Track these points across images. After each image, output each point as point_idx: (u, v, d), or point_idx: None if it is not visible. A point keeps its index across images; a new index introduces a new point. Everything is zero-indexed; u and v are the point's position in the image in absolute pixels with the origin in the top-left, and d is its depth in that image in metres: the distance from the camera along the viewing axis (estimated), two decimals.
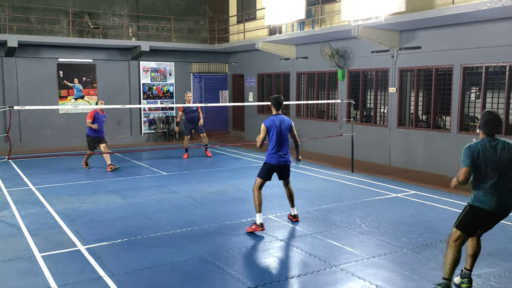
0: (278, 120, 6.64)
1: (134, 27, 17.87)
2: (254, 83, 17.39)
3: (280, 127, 6.60)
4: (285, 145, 6.67)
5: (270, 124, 6.62)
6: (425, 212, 7.64)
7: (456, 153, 10.23)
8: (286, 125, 6.68)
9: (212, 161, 12.79)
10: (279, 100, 6.73)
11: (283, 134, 6.62)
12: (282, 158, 6.63)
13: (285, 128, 6.66)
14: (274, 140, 6.59)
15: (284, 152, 6.66)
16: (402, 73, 11.63)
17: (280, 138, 6.60)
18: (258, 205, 6.54)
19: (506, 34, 9.27)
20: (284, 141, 6.64)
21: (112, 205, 8.14)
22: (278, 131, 6.59)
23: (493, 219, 4.63)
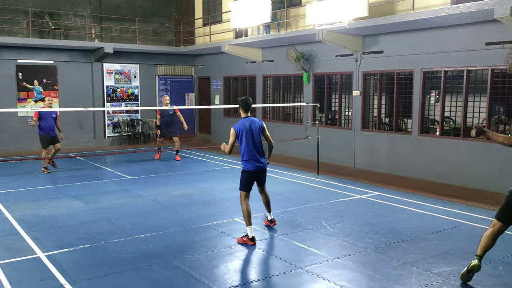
0: (248, 122, 6.28)
1: (97, 28, 17.52)
2: (220, 86, 17.35)
3: (251, 130, 6.25)
4: (260, 149, 6.32)
5: (240, 128, 6.23)
6: (388, 213, 7.80)
7: (418, 154, 10.58)
8: (258, 127, 6.33)
9: (178, 165, 12.67)
10: (247, 102, 6.35)
11: (256, 137, 6.28)
12: (259, 163, 6.29)
13: (257, 130, 6.30)
14: (247, 145, 6.22)
15: (260, 156, 6.32)
16: (365, 76, 11.87)
17: (253, 141, 6.24)
18: (246, 217, 6.19)
19: (464, 40, 9.61)
20: (257, 145, 6.29)
21: (73, 210, 7.92)
22: (250, 134, 6.23)
23: None
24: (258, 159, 6.29)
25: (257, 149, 6.28)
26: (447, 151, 10.01)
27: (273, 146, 6.70)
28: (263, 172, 6.46)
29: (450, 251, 5.95)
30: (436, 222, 7.25)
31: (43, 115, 11.13)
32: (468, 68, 9.64)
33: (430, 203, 8.37)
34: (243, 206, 6.27)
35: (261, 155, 6.36)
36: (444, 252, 5.90)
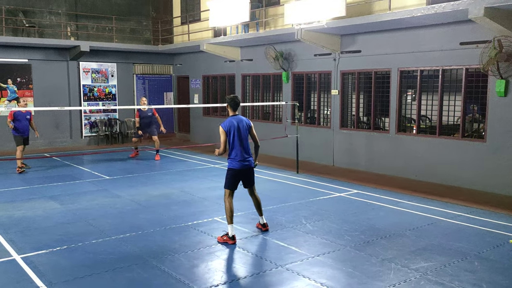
0: (236, 120, 6.24)
1: (73, 26, 17.23)
2: (199, 85, 17.27)
3: (239, 128, 6.19)
4: (246, 148, 6.27)
5: (228, 126, 6.18)
6: (367, 210, 7.89)
7: (395, 153, 10.73)
8: (245, 125, 6.28)
9: (157, 164, 12.56)
10: (235, 100, 6.31)
11: (243, 136, 6.23)
12: (245, 162, 6.22)
13: (245, 129, 6.25)
14: (234, 143, 6.18)
15: (246, 155, 6.25)
16: (343, 75, 11.97)
17: (240, 140, 6.19)
18: (229, 216, 6.13)
19: (439, 39, 9.78)
20: (244, 144, 6.24)
21: (50, 211, 7.78)
22: (238, 133, 6.17)
23: None
24: (244, 158, 6.23)
25: (244, 147, 6.23)
26: (424, 149, 10.18)
27: (259, 146, 6.63)
28: (250, 171, 6.35)
29: (427, 247, 6.05)
30: (413, 219, 7.36)
31: (17, 116, 11.06)
32: (443, 68, 9.82)
33: (407, 200, 8.49)
34: (226, 204, 6.22)
35: (248, 154, 6.29)
36: (421, 248, 6.00)
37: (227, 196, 6.25)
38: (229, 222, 6.16)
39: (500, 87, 8.76)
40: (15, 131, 11.14)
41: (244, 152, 6.23)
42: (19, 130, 11.15)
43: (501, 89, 8.76)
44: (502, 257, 5.68)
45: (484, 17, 7.91)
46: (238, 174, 6.25)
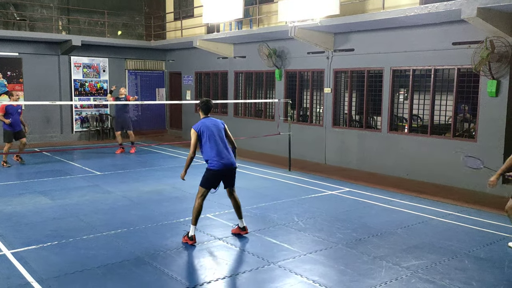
0: (209, 122, 6.05)
1: (64, 20, 17.07)
2: (191, 82, 17.20)
3: (213, 129, 6.00)
4: (225, 146, 6.03)
5: (201, 127, 5.96)
6: (358, 208, 7.93)
7: (387, 151, 10.78)
8: (220, 126, 6.10)
9: (148, 160, 12.50)
10: (208, 104, 6.12)
11: (219, 135, 6.01)
12: (227, 161, 5.94)
13: (219, 129, 6.05)
14: (211, 143, 5.94)
15: (226, 153, 6.00)
16: (336, 74, 11.99)
17: (217, 140, 5.97)
18: (194, 216, 5.91)
19: (432, 39, 9.84)
20: (222, 142, 6.01)
21: (40, 206, 7.71)
22: (212, 133, 5.97)
23: None
24: (226, 157, 5.95)
25: (222, 147, 5.98)
26: (415, 149, 10.25)
27: (236, 148, 6.27)
28: (232, 171, 6.06)
29: (418, 245, 6.10)
30: (405, 217, 7.41)
31: (9, 110, 10.98)
32: (435, 67, 9.88)
33: (399, 199, 8.54)
34: (196, 202, 5.95)
35: (229, 152, 6.03)
36: (412, 247, 6.04)
37: (200, 195, 5.97)
38: (193, 223, 5.92)
39: (492, 87, 8.84)
40: (7, 125, 11.08)
41: (224, 151, 5.97)
42: (11, 124, 11.12)
43: (492, 90, 8.84)
44: (492, 256, 5.74)
45: (477, 17, 7.97)
46: (218, 174, 5.95)
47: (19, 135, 11.32)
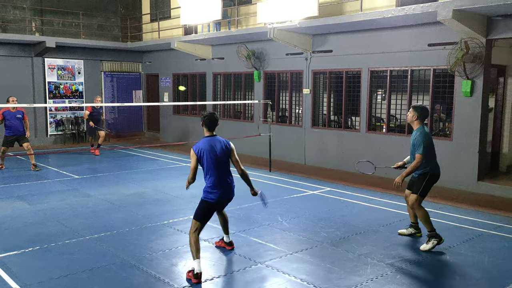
0: (211, 143, 5.19)
1: (38, 22, 16.72)
2: (169, 83, 17.08)
3: (213, 151, 5.16)
4: (226, 174, 5.26)
5: (202, 149, 5.13)
6: (340, 207, 8.03)
7: (365, 151, 10.94)
8: (223, 148, 5.25)
9: (127, 163, 12.35)
10: (212, 117, 5.26)
11: (221, 160, 5.20)
12: (225, 192, 5.24)
13: (222, 152, 5.22)
14: (209, 170, 5.14)
15: (227, 183, 5.26)
16: (315, 75, 12.12)
17: (217, 166, 5.16)
18: (194, 251, 4.99)
19: (408, 40, 10.05)
20: (223, 169, 5.23)
21: (19, 211, 7.53)
22: (213, 156, 5.14)
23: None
24: (224, 188, 5.21)
25: (223, 175, 5.21)
26: (393, 148, 10.43)
27: (245, 174, 5.43)
28: (228, 201, 5.42)
29: (400, 242, 6.22)
30: (386, 215, 7.55)
31: (6, 116, 10.77)
32: (412, 68, 10.09)
33: (379, 198, 8.69)
34: (191, 238, 5.05)
35: (230, 181, 5.30)
36: (395, 243, 6.16)
37: (194, 229, 5.08)
38: (195, 257, 4.96)
39: (466, 87, 9.08)
40: (7, 130, 10.94)
41: (223, 180, 5.20)
42: (11, 129, 10.92)
43: (467, 89, 9.09)
44: (472, 251, 5.90)
45: (452, 19, 8.19)
46: (214, 206, 5.26)
47: (19, 140, 11.05)
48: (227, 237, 5.93)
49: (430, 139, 5.90)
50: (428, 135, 5.91)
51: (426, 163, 5.90)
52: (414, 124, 6.01)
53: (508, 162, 10.42)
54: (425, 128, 5.95)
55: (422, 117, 5.96)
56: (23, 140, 11.07)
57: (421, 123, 5.97)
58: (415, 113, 5.96)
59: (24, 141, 11.07)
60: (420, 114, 5.94)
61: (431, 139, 5.94)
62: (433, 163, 5.97)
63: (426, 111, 6.03)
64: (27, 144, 11.05)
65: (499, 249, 5.99)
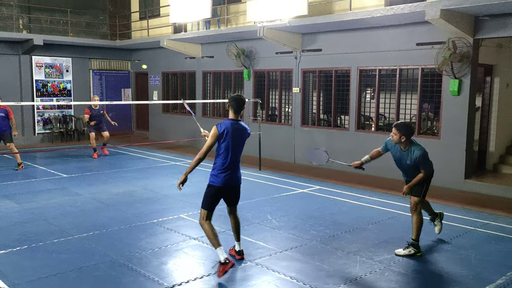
0: (236, 126, 5.11)
1: (25, 19, 16.54)
2: (158, 82, 17.01)
3: (236, 136, 5.08)
4: (238, 161, 5.20)
5: (227, 129, 5.02)
6: (329, 205, 8.07)
7: (354, 149, 11.00)
8: (245, 135, 5.24)
9: (116, 162, 12.28)
10: (238, 99, 5.20)
11: (238, 147, 5.14)
12: (231, 178, 5.12)
13: (243, 139, 5.19)
14: (225, 153, 5.04)
15: (236, 169, 5.18)
16: (305, 74, 12.15)
17: (234, 151, 5.08)
18: (213, 238, 4.98)
19: (397, 40, 10.12)
20: (238, 156, 5.17)
21: (5, 210, 7.45)
22: (233, 141, 5.04)
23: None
24: (231, 173, 5.12)
25: (236, 160, 5.15)
26: None
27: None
28: (235, 189, 5.28)
29: (389, 240, 6.27)
30: (375, 213, 7.60)
31: None
32: (400, 67, 10.17)
33: (368, 196, 8.76)
34: (205, 227, 5.05)
35: (238, 168, 5.24)
36: (383, 241, 6.21)
37: (204, 218, 5.07)
38: (216, 246, 4.96)
39: (454, 86, 9.18)
40: None
41: (234, 166, 5.13)
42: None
43: (454, 88, 9.19)
44: (459, 248, 5.97)
45: (440, 18, 8.27)
46: (221, 192, 5.14)
47: (3, 139, 10.87)
48: (238, 245, 5.51)
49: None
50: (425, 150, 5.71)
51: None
52: (404, 144, 5.66)
53: (494, 160, 10.55)
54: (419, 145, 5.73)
55: (408, 134, 5.62)
56: (7, 139, 10.89)
57: (409, 140, 5.66)
58: (399, 133, 5.61)
59: (8, 141, 10.90)
60: (405, 132, 5.60)
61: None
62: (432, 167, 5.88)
63: (410, 127, 5.75)
64: (10, 144, 10.88)
65: (486, 246, 6.07)
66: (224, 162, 5.06)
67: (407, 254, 5.65)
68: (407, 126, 5.73)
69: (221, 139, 5.04)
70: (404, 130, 5.63)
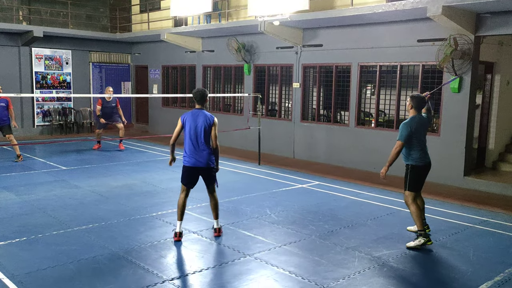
0: (195, 114, 5.82)
1: (25, 10, 16.47)
2: (158, 75, 16.97)
3: (196, 123, 5.76)
4: (200, 145, 5.76)
5: (185, 119, 5.83)
6: (328, 201, 8.08)
7: (354, 145, 11.01)
8: (203, 122, 5.77)
9: (116, 155, 12.28)
10: (199, 92, 5.92)
11: (197, 132, 5.75)
12: (197, 160, 5.79)
13: (201, 125, 5.75)
14: (186, 138, 5.82)
15: (200, 152, 5.78)
16: (305, 69, 12.13)
17: (192, 136, 5.76)
18: (179, 211, 5.87)
19: (398, 36, 10.10)
20: (198, 141, 5.75)
21: (5, 202, 7.45)
22: (191, 127, 5.77)
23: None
24: (197, 155, 5.77)
25: (196, 143, 5.76)
26: (381, 142, 10.51)
27: (216, 149, 5.90)
28: (203, 171, 5.85)
29: (388, 235, 6.29)
30: (373, 209, 7.62)
31: None
32: (401, 64, 10.15)
33: (367, 192, 8.77)
34: (179, 200, 5.93)
35: (202, 152, 5.78)
36: (382, 237, 6.22)
37: (181, 191, 5.93)
38: (178, 218, 5.87)
39: (454, 83, 9.17)
40: None
41: (196, 149, 5.77)
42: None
43: (455, 86, 9.18)
44: (458, 245, 5.99)
45: (442, 15, 8.24)
46: (190, 171, 5.84)
47: (2, 130, 10.86)
48: (216, 222, 6.14)
49: (417, 128, 5.79)
50: (415, 123, 5.79)
51: (408, 154, 5.87)
52: (410, 113, 5.98)
53: (494, 158, 10.57)
54: (416, 118, 5.85)
55: (417, 107, 5.89)
56: (6, 130, 10.90)
57: (415, 112, 5.90)
58: (411, 102, 5.92)
59: (8, 132, 10.90)
60: (415, 104, 5.89)
61: (419, 128, 5.83)
62: (416, 155, 5.86)
63: (422, 101, 5.93)
64: (9, 136, 10.89)
65: (485, 243, 6.09)
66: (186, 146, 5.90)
67: (418, 245, 5.72)
68: (419, 98, 5.93)
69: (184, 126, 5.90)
70: (414, 100, 5.91)
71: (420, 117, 5.95)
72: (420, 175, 5.96)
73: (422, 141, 5.92)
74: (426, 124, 6.06)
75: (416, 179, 5.92)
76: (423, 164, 5.94)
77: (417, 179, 5.93)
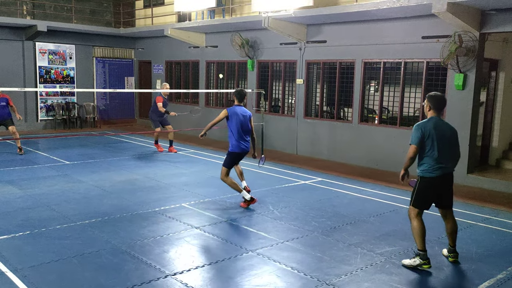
0: (240, 110, 7.13)
1: (29, 5, 16.46)
2: (162, 71, 16.97)
3: (241, 116, 7.07)
4: (247, 134, 7.18)
5: (233, 113, 7.07)
6: (331, 197, 8.08)
7: (357, 142, 10.99)
8: (247, 115, 7.18)
9: (118, 150, 12.29)
10: (241, 93, 7.26)
11: (244, 124, 7.09)
12: (244, 146, 7.15)
13: (247, 118, 7.15)
14: (237, 129, 7.04)
15: (247, 139, 7.20)
16: (309, 65, 12.10)
17: (242, 127, 7.06)
18: (236, 187, 7.13)
19: (402, 33, 10.06)
20: (246, 130, 7.12)
21: (8, 196, 7.48)
22: (241, 119, 7.04)
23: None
24: (244, 142, 7.16)
25: (245, 132, 7.12)
26: (384, 139, 10.49)
27: (255, 138, 7.41)
28: (245, 154, 7.30)
29: (390, 232, 6.28)
30: (376, 206, 7.61)
31: None
32: (405, 60, 10.11)
33: (370, 188, 8.76)
34: (227, 180, 7.12)
35: (248, 139, 7.23)
36: (385, 234, 6.22)
37: (224, 173, 7.12)
38: (240, 190, 7.17)
39: (459, 80, 9.14)
40: None
41: (245, 137, 7.16)
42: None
43: (459, 83, 9.14)
44: (460, 243, 5.95)
45: (447, 12, 8.19)
46: (237, 156, 7.19)
47: (5, 124, 11.06)
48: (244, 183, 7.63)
49: (432, 133, 4.98)
50: (429, 126, 5.01)
51: (418, 162, 5.20)
52: (427, 115, 5.15)
53: (497, 155, 10.53)
54: (432, 120, 5.05)
55: (436, 108, 5.05)
56: (8, 123, 11.07)
57: (434, 113, 5.08)
58: (428, 103, 5.10)
59: (10, 124, 11.07)
60: (433, 104, 5.06)
61: (436, 133, 5.00)
62: (427, 164, 5.13)
63: (441, 100, 5.10)
64: (12, 128, 11.05)
65: (487, 241, 6.09)
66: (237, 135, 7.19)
67: (412, 265, 5.06)
68: (437, 97, 5.10)
69: (230, 118, 7.12)
70: (432, 101, 5.09)
71: (439, 121, 5.09)
72: (428, 190, 5.18)
73: (439, 149, 5.05)
74: (447, 132, 5.10)
75: (423, 193, 5.18)
76: (436, 176, 5.13)
77: (423, 194, 5.18)
